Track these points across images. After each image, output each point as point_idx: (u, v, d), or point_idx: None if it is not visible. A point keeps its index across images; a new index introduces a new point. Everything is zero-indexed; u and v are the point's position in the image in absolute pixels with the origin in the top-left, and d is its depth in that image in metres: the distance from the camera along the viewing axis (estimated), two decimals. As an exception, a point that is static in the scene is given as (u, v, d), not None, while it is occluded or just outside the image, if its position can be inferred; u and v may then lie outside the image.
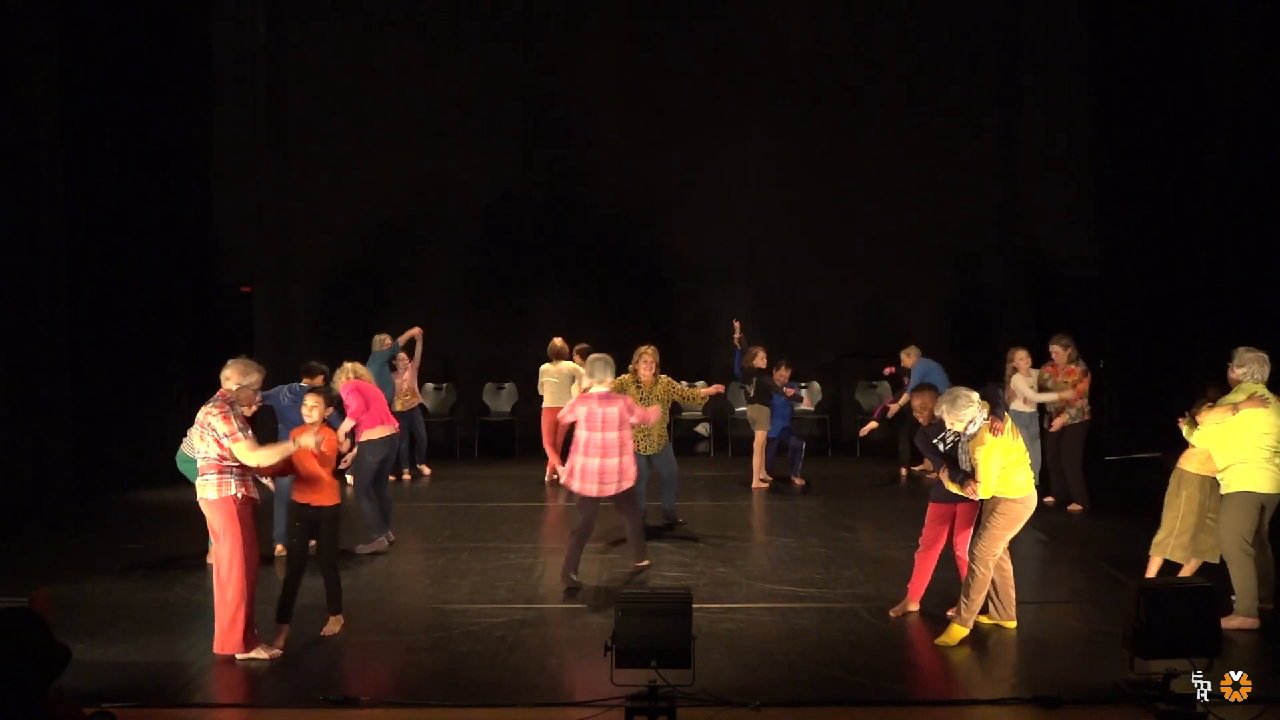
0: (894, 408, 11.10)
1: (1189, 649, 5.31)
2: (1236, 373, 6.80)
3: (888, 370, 11.83)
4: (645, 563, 7.98)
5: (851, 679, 5.85)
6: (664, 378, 9.08)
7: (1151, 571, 7.17)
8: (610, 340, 11.70)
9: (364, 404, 8.48)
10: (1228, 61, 11.23)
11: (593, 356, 7.85)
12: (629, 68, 14.51)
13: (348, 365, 8.74)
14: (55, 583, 7.13)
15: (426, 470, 11.88)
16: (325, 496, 6.44)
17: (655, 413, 8.24)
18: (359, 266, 14.58)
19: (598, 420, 7.47)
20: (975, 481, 6.23)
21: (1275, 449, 6.62)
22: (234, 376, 6.29)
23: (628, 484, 7.61)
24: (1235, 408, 6.65)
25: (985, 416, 6.23)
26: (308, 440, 6.26)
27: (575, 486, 7.58)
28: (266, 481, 7.35)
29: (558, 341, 11.62)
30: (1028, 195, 14.14)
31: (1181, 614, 5.32)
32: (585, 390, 7.78)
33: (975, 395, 6.25)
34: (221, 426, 6.08)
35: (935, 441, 6.54)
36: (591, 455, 7.47)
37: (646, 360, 8.98)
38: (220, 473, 6.04)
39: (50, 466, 10.71)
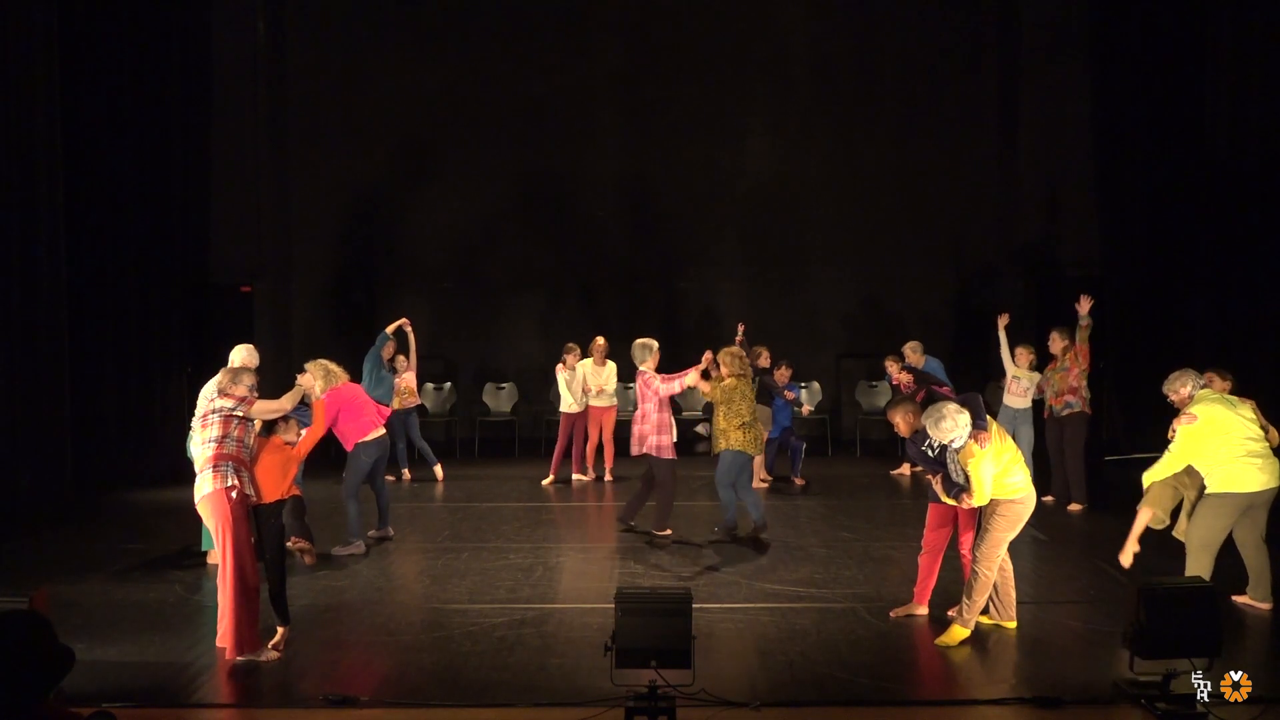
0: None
1: (1189, 649, 5.31)
2: (1183, 394, 6.87)
3: (897, 379, 11.53)
4: (665, 532, 8.90)
5: (851, 679, 5.85)
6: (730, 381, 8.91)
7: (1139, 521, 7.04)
8: (611, 339, 11.76)
9: (337, 417, 8.34)
10: (1227, 61, 11.23)
11: (636, 342, 9.16)
12: (629, 68, 14.53)
13: (322, 366, 8.19)
14: (55, 583, 7.14)
15: (440, 474, 11.69)
16: (274, 492, 6.39)
17: (686, 376, 8.82)
18: (359, 266, 14.60)
19: (639, 394, 8.93)
20: (968, 494, 6.22)
21: (1247, 446, 6.64)
22: (223, 376, 6.37)
23: (649, 449, 8.77)
24: (1175, 430, 6.79)
25: (970, 430, 6.13)
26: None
27: None
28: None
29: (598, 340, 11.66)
30: (1028, 195, 14.16)
31: (1181, 614, 5.31)
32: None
33: (958, 411, 6.13)
34: (229, 401, 6.15)
35: (924, 449, 6.49)
36: (634, 423, 8.96)
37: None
38: (215, 466, 6.04)
39: (50, 466, 10.72)
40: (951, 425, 6.09)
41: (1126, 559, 6.96)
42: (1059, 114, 13.87)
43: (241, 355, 7.65)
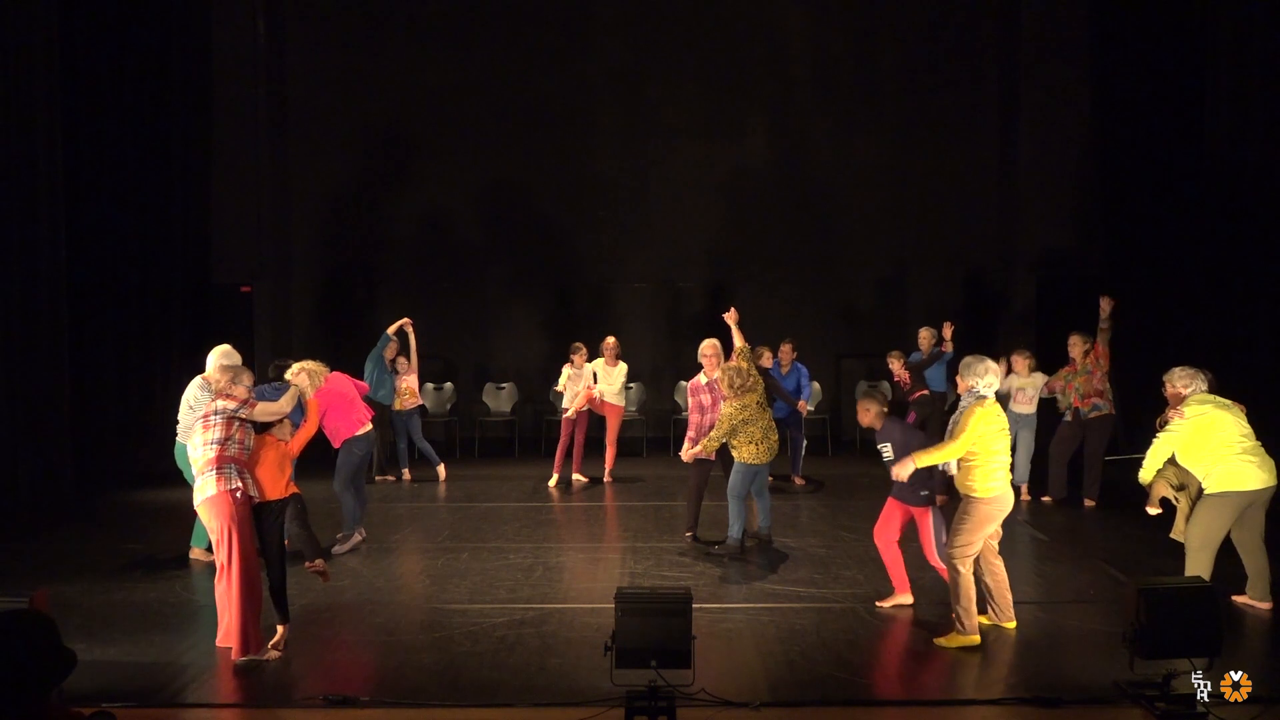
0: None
1: (1189, 649, 5.31)
2: (1185, 391, 6.85)
3: (899, 375, 11.58)
4: (688, 534, 8.83)
5: (851, 679, 5.85)
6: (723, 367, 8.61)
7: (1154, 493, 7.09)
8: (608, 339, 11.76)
9: (332, 411, 8.34)
10: (1228, 60, 11.22)
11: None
12: (629, 68, 14.54)
13: (309, 365, 7.91)
14: (55, 583, 7.15)
15: (443, 474, 11.69)
16: (274, 490, 6.39)
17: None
18: (359, 266, 14.61)
19: (715, 400, 8.75)
20: (900, 464, 6.45)
21: (1242, 444, 6.65)
22: (221, 377, 6.37)
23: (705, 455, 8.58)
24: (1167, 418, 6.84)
25: (996, 387, 6.35)
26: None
27: None
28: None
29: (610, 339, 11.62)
30: (1029, 196, 14.14)
31: (1181, 614, 5.31)
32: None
33: (996, 371, 6.38)
34: (232, 403, 6.15)
35: (880, 448, 7.00)
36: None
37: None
38: (219, 469, 6.04)
39: (50, 466, 10.73)
40: (984, 370, 6.32)
41: (1153, 509, 7.09)
42: (1059, 114, 13.87)
43: (222, 359, 7.52)
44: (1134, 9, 12.64)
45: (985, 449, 6.20)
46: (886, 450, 7.00)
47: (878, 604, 7.00)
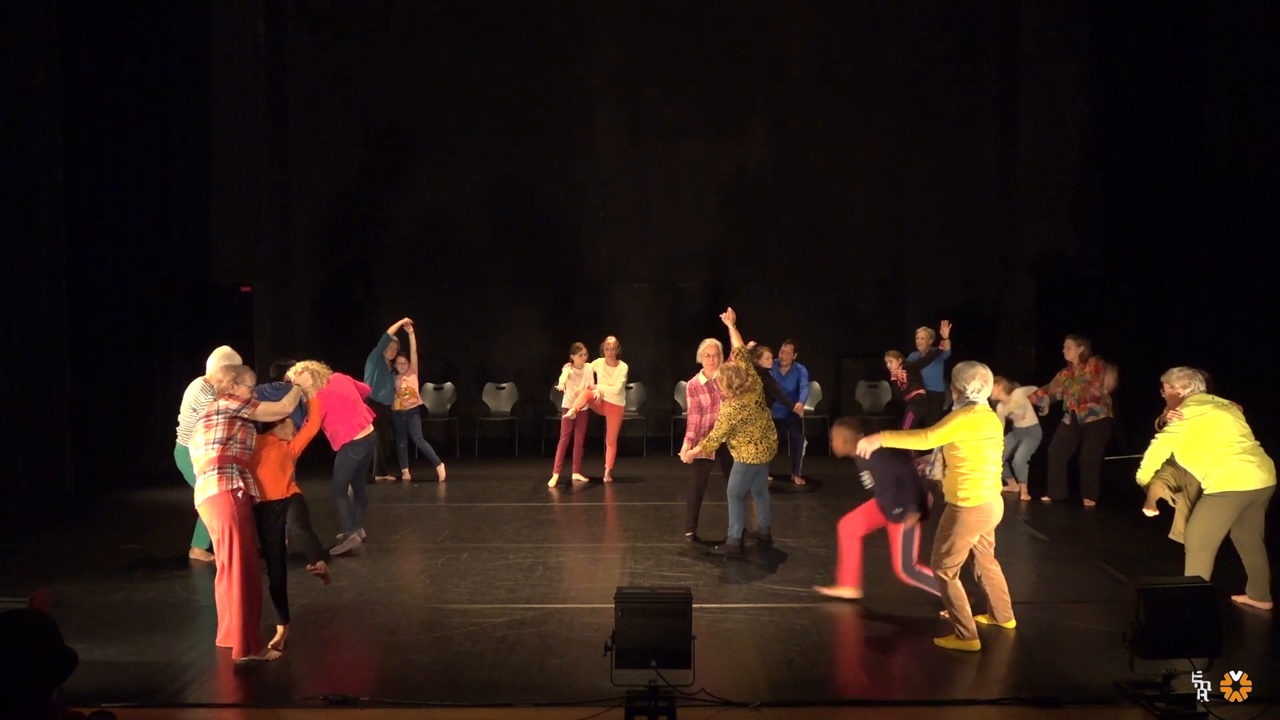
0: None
1: (1189, 649, 5.31)
2: (1183, 392, 6.83)
3: (896, 374, 11.61)
4: (689, 534, 8.79)
5: (852, 679, 5.85)
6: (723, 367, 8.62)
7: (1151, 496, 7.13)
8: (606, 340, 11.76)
9: (333, 413, 8.33)
10: (1227, 60, 11.22)
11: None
12: (629, 68, 14.54)
13: (312, 366, 7.66)
14: (55, 583, 7.14)
15: (443, 474, 11.69)
16: (276, 490, 6.38)
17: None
18: (359, 266, 14.61)
19: (714, 400, 8.71)
20: (867, 439, 6.42)
21: (1241, 444, 6.65)
22: (223, 377, 6.36)
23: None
24: (1165, 419, 6.82)
25: (979, 401, 6.27)
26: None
27: None
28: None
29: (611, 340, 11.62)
30: (1029, 196, 14.14)
31: (1181, 614, 5.31)
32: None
33: (986, 377, 6.31)
34: (234, 403, 6.14)
35: (860, 475, 7.11)
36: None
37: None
38: (220, 468, 6.03)
39: (50, 466, 10.73)
40: (972, 375, 6.29)
41: (1150, 510, 7.14)
42: (1059, 114, 13.87)
43: (222, 360, 7.47)
44: (1134, 9, 12.63)
45: (974, 456, 6.17)
46: (866, 478, 7.04)
47: (816, 588, 7.16)
